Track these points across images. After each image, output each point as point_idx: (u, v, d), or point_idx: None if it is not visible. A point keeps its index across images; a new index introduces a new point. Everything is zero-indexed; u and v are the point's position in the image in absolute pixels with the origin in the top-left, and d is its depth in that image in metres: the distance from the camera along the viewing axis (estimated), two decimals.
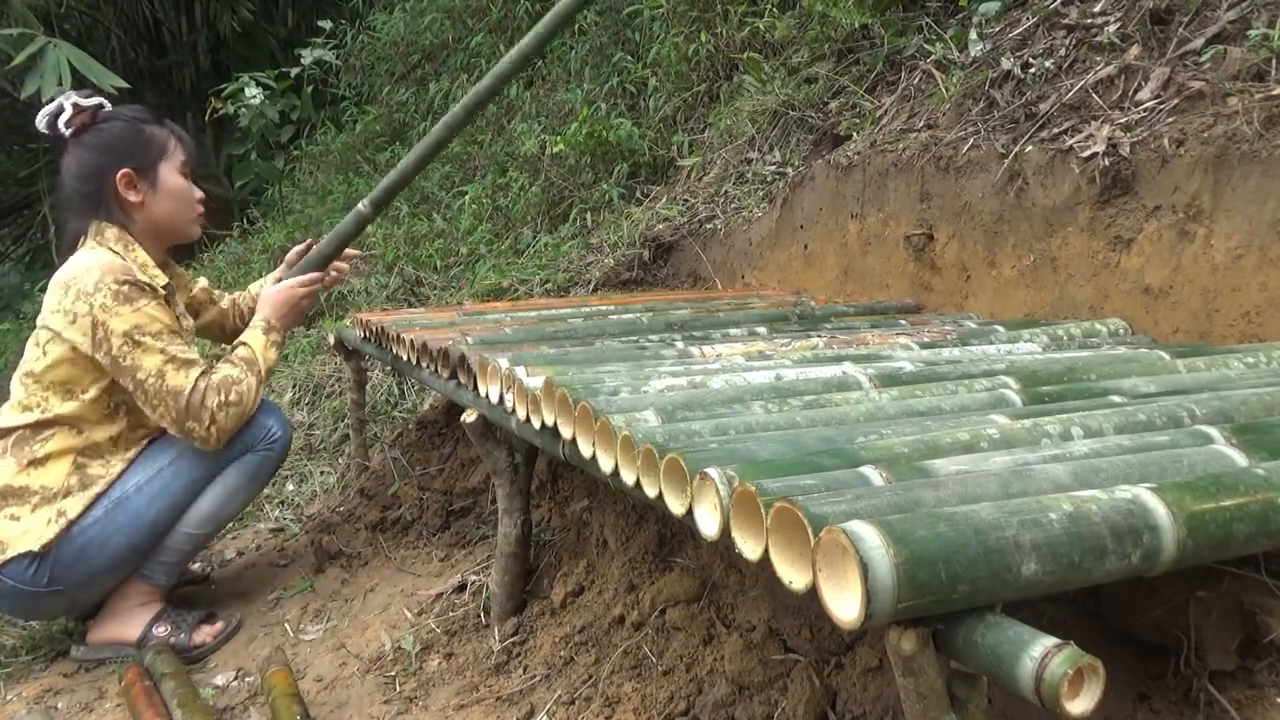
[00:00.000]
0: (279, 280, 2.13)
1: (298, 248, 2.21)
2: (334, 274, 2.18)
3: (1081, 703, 0.65)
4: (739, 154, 2.94)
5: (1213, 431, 1.01)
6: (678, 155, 3.26)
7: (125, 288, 1.79)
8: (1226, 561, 0.99)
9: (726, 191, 2.88)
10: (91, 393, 1.84)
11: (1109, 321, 1.70)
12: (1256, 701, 0.94)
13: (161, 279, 1.91)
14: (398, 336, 1.95)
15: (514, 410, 1.39)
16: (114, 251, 1.87)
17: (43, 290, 6.03)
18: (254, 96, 5.34)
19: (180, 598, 2.10)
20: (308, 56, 5.52)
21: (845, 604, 0.71)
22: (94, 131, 1.90)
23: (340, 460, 2.83)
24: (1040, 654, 0.66)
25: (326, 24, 5.62)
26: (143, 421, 1.93)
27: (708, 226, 2.83)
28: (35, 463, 1.82)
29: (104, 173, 1.88)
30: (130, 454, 1.91)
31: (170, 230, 1.98)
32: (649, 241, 2.91)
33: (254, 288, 2.31)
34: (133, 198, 1.90)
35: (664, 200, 3.08)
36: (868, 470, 0.90)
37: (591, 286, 2.91)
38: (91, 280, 1.78)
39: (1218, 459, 0.94)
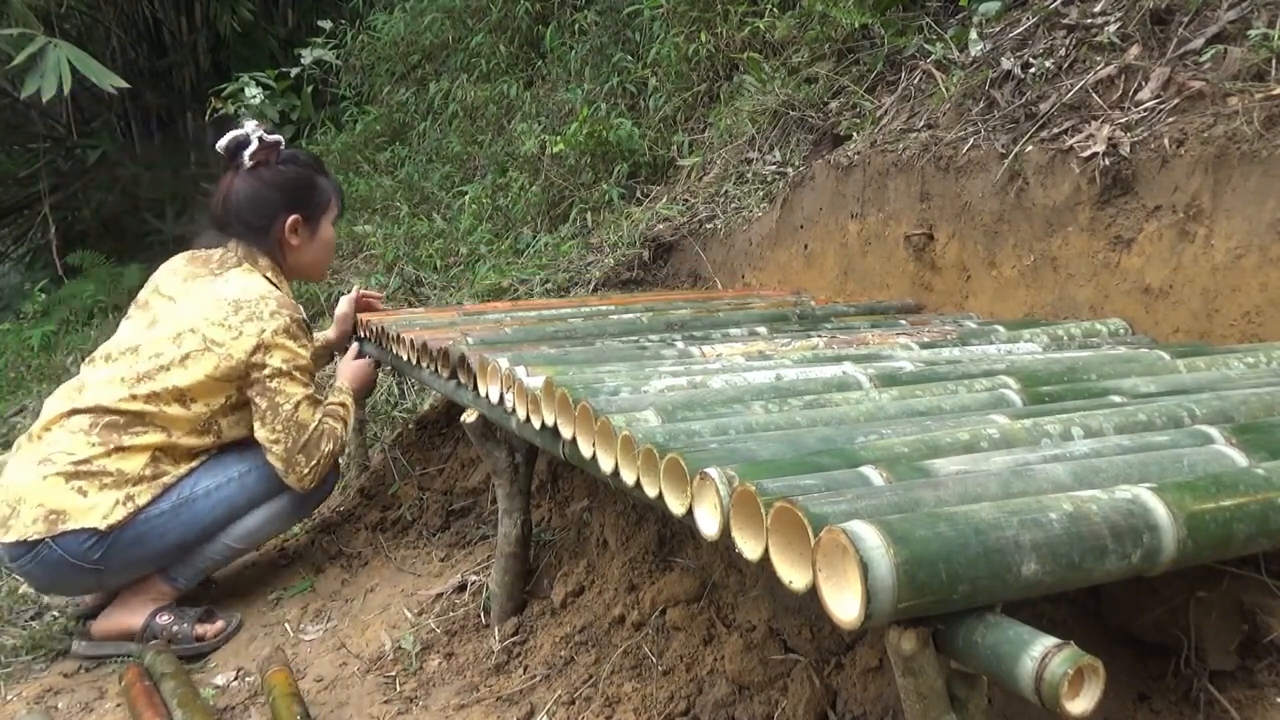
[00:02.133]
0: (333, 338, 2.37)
1: (349, 298, 2.39)
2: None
3: (1081, 703, 0.65)
4: (739, 154, 2.94)
5: (1213, 431, 1.01)
6: (678, 155, 3.26)
7: (295, 325, 1.94)
8: (1226, 561, 0.99)
9: (726, 191, 2.88)
10: (198, 407, 1.90)
11: (1109, 321, 1.70)
12: (1256, 701, 0.94)
13: (301, 313, 2.02)
14: (398, 336, 1.95)
15: (514, 410, 1.39)
16: (272, 283, 2.00)
17: (44, 290, 6.00)
18: (254, 96, 5.33)
19: (182, 596, 2.10)
20: (308, 56, 5.51)
21: (845, 604, 0.71)
22: (273, 169, 2.02)
23: (340, 460, 2.83)
24: (1040, 654, 0.66)
25: (326, 24, 5.61)
26: (229, 441, 2.00)
27: (708, 226, 2.83)
28: (120, 450, 1.86)
29: (276, 212, 2.02)
30: (204, 458, 1.98)
31: (310, 274, 2.19)
32: (649, 241, 2.91)
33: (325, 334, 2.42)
34: (294, 241, 2.05)
35: (664, 200, 3.08)
36: (868, 470, 0.90)
37: (591, 286, 2.91)
38: (268, 309, 1.91)
39: (1218, 459, 0.94)
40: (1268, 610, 0.97)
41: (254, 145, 1.99)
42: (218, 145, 2.03)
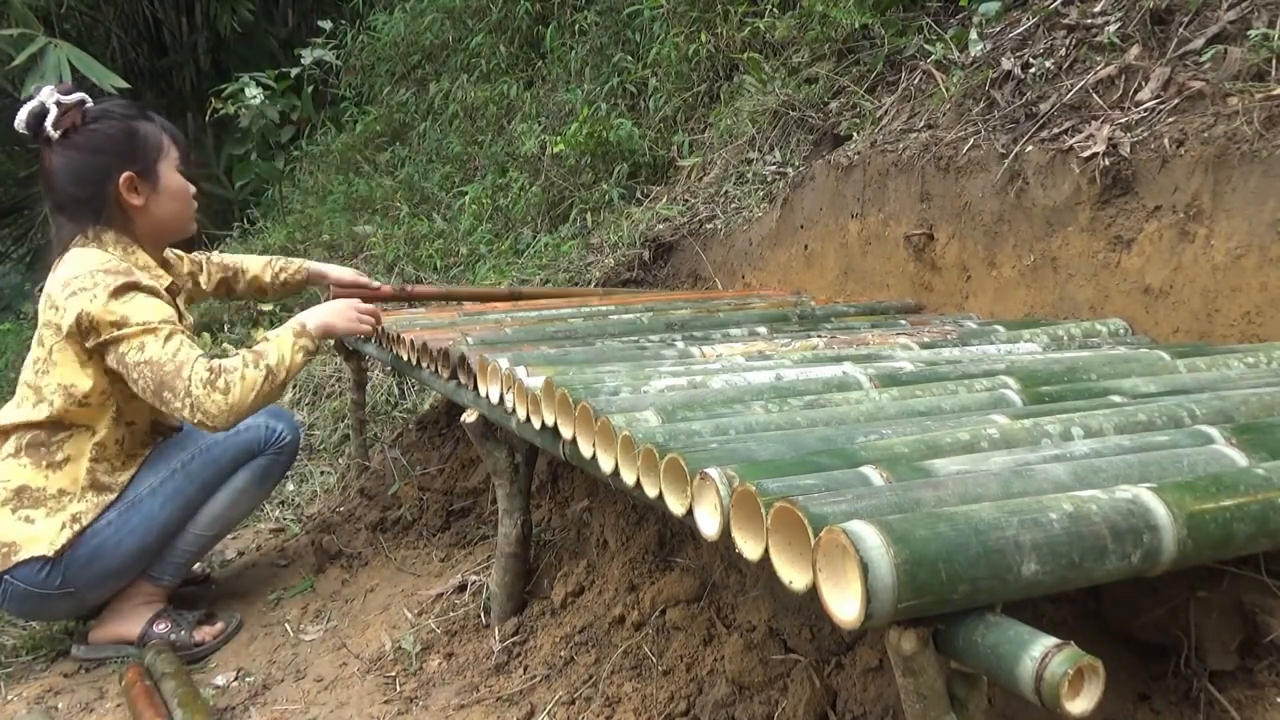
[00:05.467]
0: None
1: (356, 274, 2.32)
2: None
3: (1081, 703, 0.65)
4: (739, 154, 2.94)
5: (1213, 431, 1.01)
6: (678, 155, 3.26)
7: (119, 284, 1.74)
8: (1226, 561, 0.99)
9: (726, 191, 2.88)
10: (92, 396, 1.82)
11: (1109, 321, 1.70)
12: (1256, 701, 0.94)
13: (165, 279, 1.90)
14: (398, 336, 1.95)
15: (514, 410, 1.39)
16: (112, 255, 1.83)
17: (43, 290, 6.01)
18: (254, 96, 5.34)
19: (181, 598, 2.10)
20: (308, 56, 5.52)
21: (845, 604, 0.71)
22: (84, 132, 1.80)
23: (340, 460, 2.83)
24: (1040, 654, 0.66)
25: (326, 24, 5.62)
26: (143, 425, 1.94)
27: (708, 226, 2.83)
28: (53, 466, 1.82)
29: (103, 176, 1.81)
30: (138, 459, 1.92)
31: (172, 230, 1.95)
32: (649, 241, 2.91)
33: (312, 265, 2.35)
34: (136, 201, 1.84)
35: (664, 200, 3.08)
36: (868, 470, 0.90)
37: (591, 287, 2.91)
38: (91, 281, 1.74)
39: (1218, 459, 0.94)
40: (1268, 610, 0.97)
41: (54, 112, 1.77)
42: (15, 124, 1.80)
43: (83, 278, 1.75)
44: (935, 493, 0.83)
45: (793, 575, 0.78)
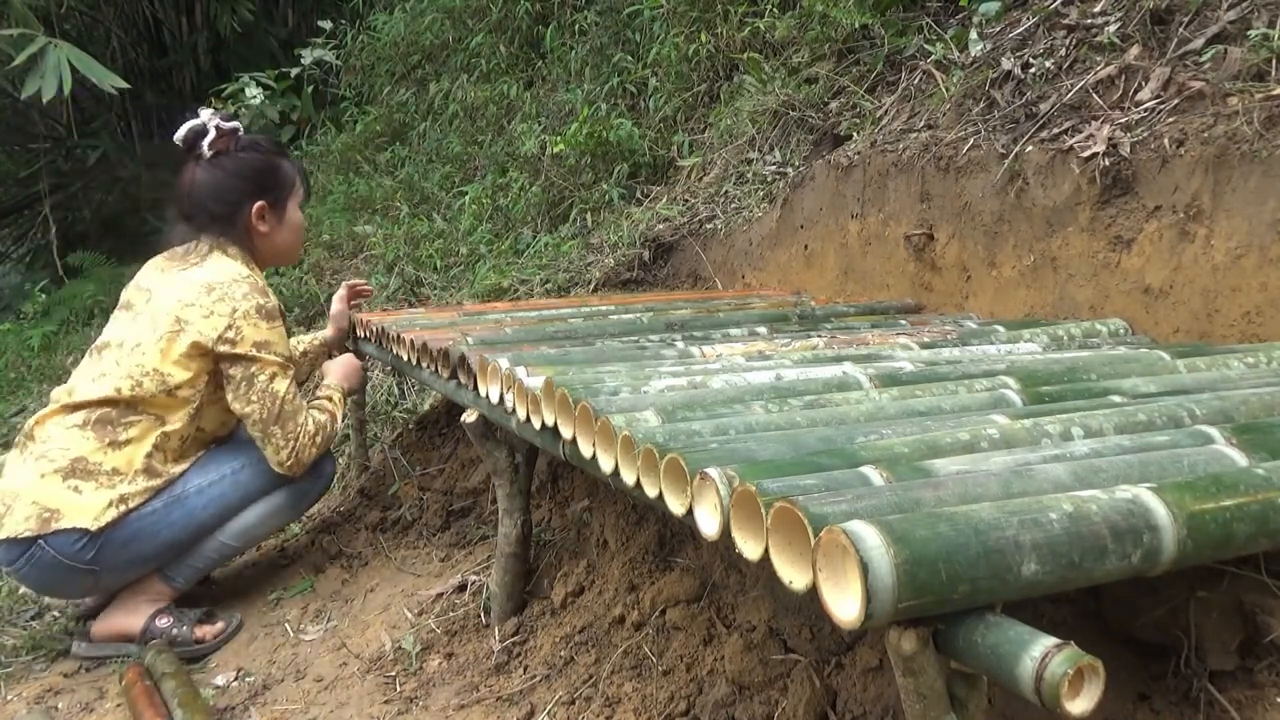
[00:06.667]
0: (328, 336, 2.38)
1: (340, 295, 2.39)
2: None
3: (1081, 703, 0.65)
4: (739, 154, 2.94)
5: (1213, 431, 1.01)
6: (678, 155, 3.26)
7: (267, 308, 1.93)
8: (1226, 561, 0.99)
9: (726, 191, 2.88)
10: (182, 392, 1.89)
11: (1109, 321, 1.70)
12: (1256, 701, 0.94)
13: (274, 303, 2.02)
14: (398, 336, 1.95)
15: (514, 410, 1.39)
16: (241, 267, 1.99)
17: (44, 290, 6.01)
18: (254, 96, 5.34)
19: (181, 597, 2.10)
20: (308, 56, 5.51)
21: (845, 604, 0.71)
22: (234, 157, 1.99)
23: (340, 460, 2.83)
24: (1040, 654, 0.66)
25: (326, 24, 5.62)
26: (211, 432, 2.01)
27: (708, 226, 2.83)
28: (114, 444, 1.86)
29: (241, 200, 2.00)
30: (191, 458, 1.98)
31: (284, 258, 2.16)
32: (649, 241, 2.91)
33: (323, 333, 2.43)
34: (262, 228, 2.03)
35: (664, 200, 3.08)
36: (868, 470, 0.90)
37: (591, 286, 2.91)
38: (240, 291, 1.90)
39: (1218, 459, 0.94)
40: (1268, 610, 0.97)
41: (212, 134, 1.96)
42: (175, 137, 1.99)
43: (230, 285, 1.91)
44: (935, 493, 0.83)
45: (793, 575, 0.78)
